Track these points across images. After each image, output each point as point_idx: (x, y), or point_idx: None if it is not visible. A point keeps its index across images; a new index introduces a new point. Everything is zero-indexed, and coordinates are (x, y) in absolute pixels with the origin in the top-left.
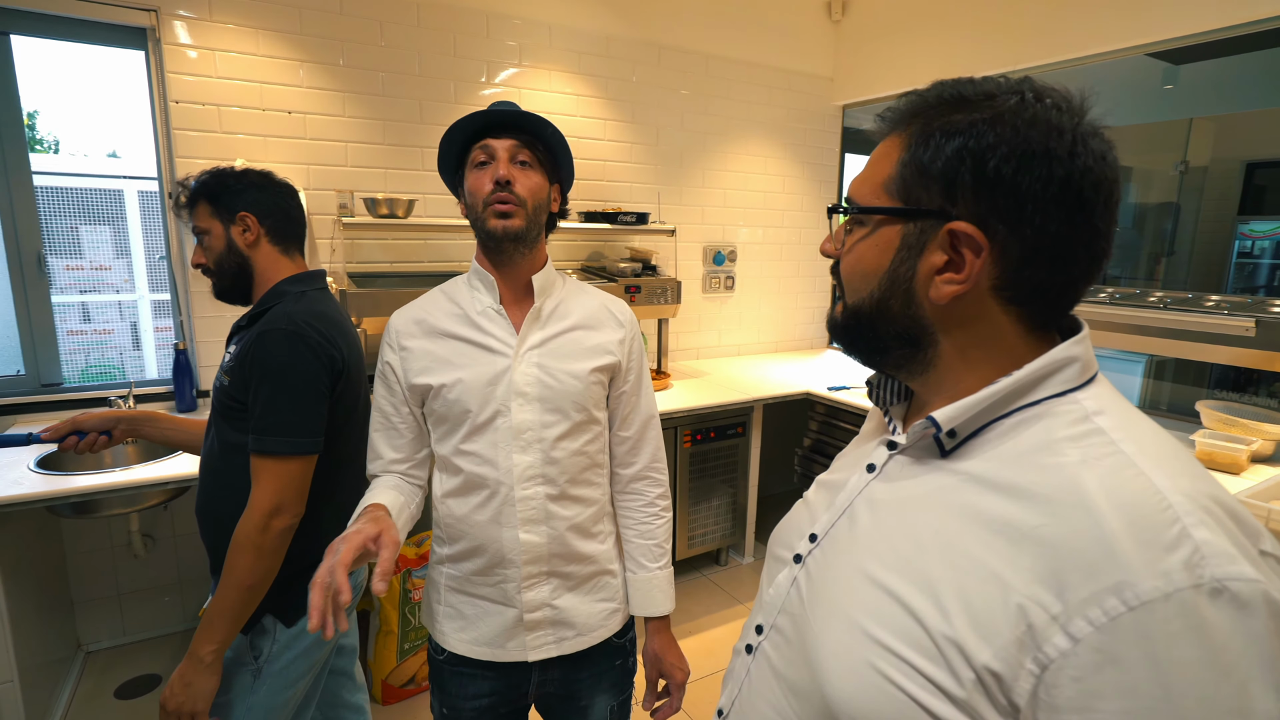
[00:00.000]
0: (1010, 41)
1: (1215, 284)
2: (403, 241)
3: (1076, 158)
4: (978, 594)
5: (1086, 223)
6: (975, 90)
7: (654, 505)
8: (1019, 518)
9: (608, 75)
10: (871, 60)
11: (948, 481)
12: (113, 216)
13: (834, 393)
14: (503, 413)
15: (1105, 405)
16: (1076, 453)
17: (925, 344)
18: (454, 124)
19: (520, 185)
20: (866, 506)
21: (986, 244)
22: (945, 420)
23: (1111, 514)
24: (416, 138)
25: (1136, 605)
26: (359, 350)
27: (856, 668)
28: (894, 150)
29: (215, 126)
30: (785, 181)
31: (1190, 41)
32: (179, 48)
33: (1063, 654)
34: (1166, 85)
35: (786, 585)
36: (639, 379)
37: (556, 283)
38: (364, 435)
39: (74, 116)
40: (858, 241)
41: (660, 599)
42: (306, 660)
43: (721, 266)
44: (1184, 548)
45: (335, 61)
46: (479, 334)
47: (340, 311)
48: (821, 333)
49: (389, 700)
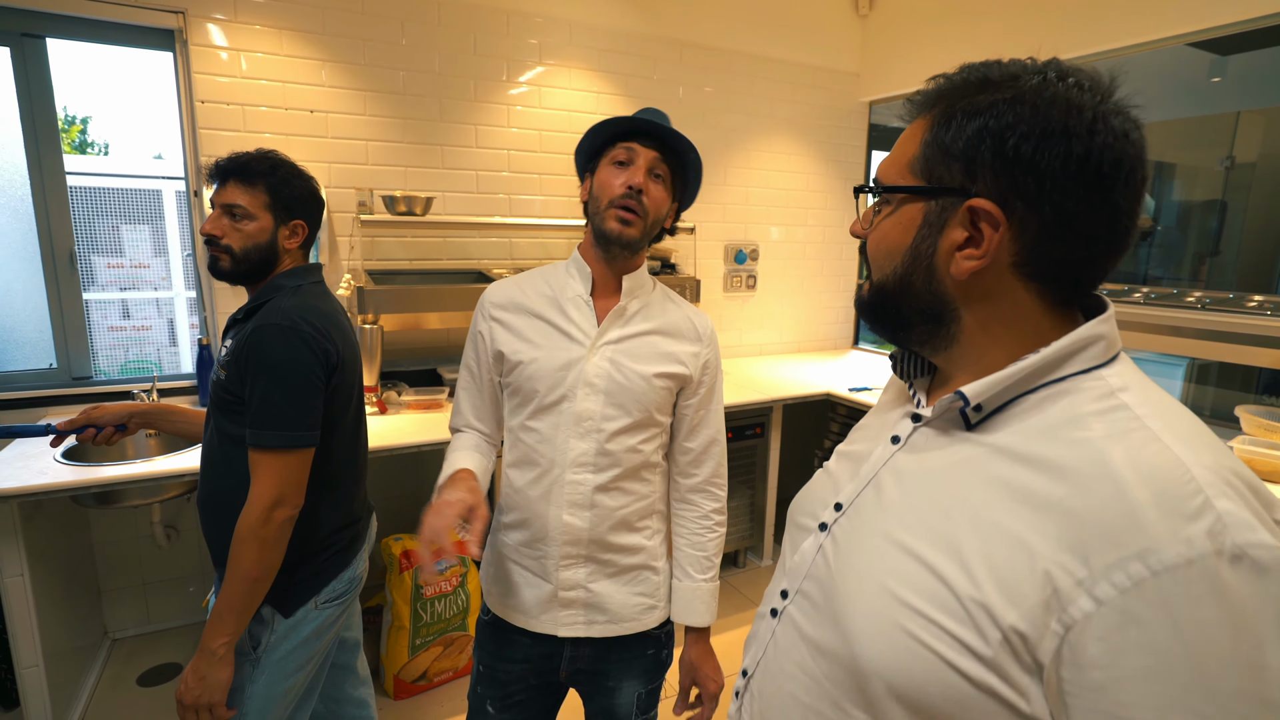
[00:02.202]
0: (1043, 33)
1: (1264, 285)
2: (421, 239)
3: (1096, 135)
4: (1004, 559)
5: (1106, 200)
6: (1000, 72)
7: (709, 518)
8: (1046, 488)
9: (629, 73)
10: (899, 56)
11: (974, 453)
12: (152, 216)
13: (856, 394)
14: (569, 398)
15: (1130, 382)
16: (1102, 427)
17: (947, 320)
18: (608, 119)
19: (649, 197)
20: (892, 476)
21: (1004, 220)
22: (973, 395)
23: (1137, 485)
24: (437, 136)
25: (1160, 570)
26: (354, 344)
27: (886, 629)
28: (919, 132)
29: (240, 126)
30: (809, 179)
31: (1238, 30)
32: (205, 49)
33: (1087, 615)
34: (1214, 78)
35: (812, 552)
36: (710, 394)
37: (646, 286)
38: (359, 428)
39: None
40: (883, 220)
41: (702, 610)
42: (305, 650)
43: (743, 265)
44: (1207, 517)
45: (357, 60)
46: (563, 319)
47: (336, 305)
48: (846, 333)
49: (401, 695)
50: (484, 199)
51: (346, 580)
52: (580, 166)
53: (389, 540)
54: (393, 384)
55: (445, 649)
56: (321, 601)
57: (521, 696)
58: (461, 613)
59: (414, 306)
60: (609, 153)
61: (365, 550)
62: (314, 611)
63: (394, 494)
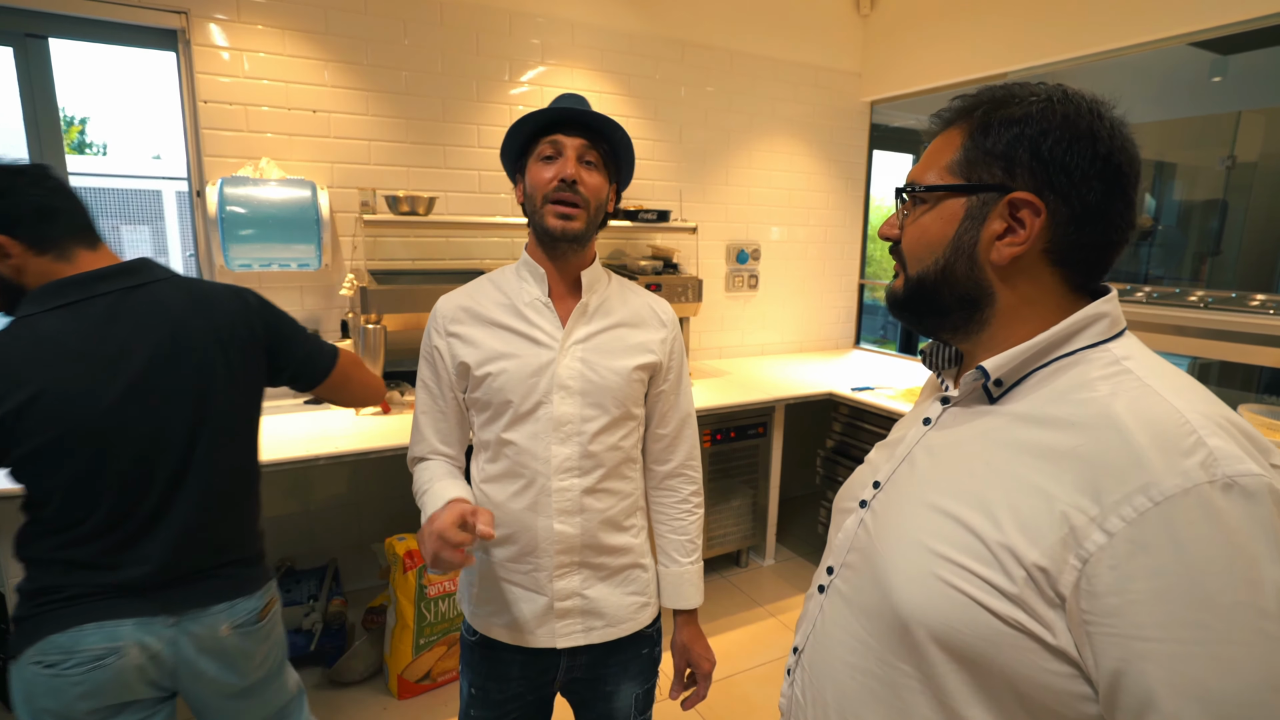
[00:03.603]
0: (1044, 33)
1: (1265, 285)
2: (424, 239)
3: (1115, 139)
4: (1026, 506)
5: (1123, 193)
6: (1022, 90)
7: (687, 502)
8: (1059, 442)
9: (630, 72)
10: (900, 55)
11: (997, 423)
12: (152, 216)
13: (858, 393)
14: (545, 404)
15: (1133, 353)
16: (1107, 387)
17: (983, 304)
18: (526, 115)
19: (585, 185)
20: (925, 452)
21: (1044, 208)
22: (993, 369)
23: (1138, 430)
24: (439, 136)
25: (1161, 500)
26: (58, 383)
27: (922, 579)
28: (955, 139)
29: (243, 126)
30: (811, 179)
31: (1238, 29)
32: (208, 49)
33: (1100, 548)
34: (1214, 77)
35: (854, 527)
36: (678, 378)
37: (602, 279)
38: (77, 478)
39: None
40: (921, 216)
41: (691, 593)
42: (25, 709)
43: (745, 265)
44: (1199, 452)
45: (359, 61)
46: (525, 325)
47: (48, 342)
48: (847, 333)
49: (405, 695)
50: (486, 199)
51: (62, 649)
52: (509, 170)
53: (393, 540)
54: (395, 384)
55: (449, 649)
56: (31, 660)
57: (516, 714)
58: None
59: (417, 306)
60: (534, 150)
61: (106, 635)
62: (27, 667)
63: (400, 493)
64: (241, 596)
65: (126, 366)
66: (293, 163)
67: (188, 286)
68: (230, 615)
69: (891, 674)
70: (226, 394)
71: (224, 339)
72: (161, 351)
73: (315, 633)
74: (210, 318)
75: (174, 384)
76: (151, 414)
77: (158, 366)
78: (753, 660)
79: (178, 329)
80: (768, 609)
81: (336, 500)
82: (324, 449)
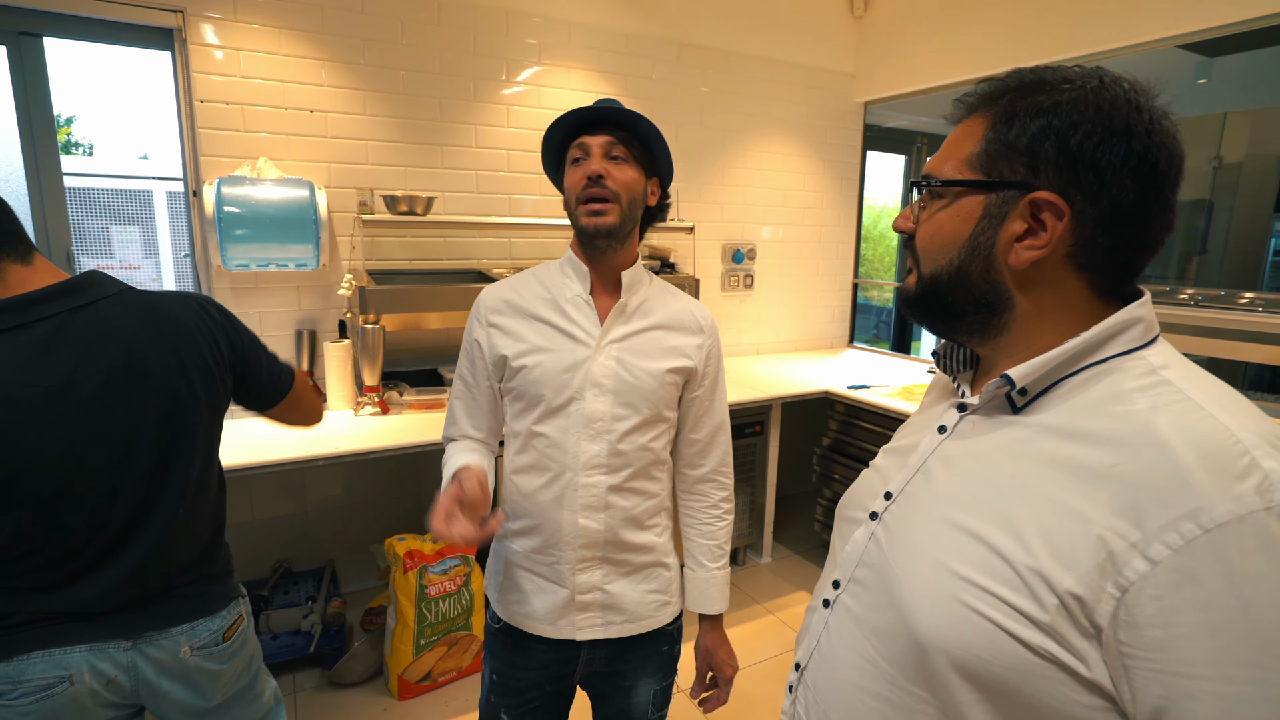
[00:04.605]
0: (1035, 35)
1: (1250, 283)
2: (422, 239)
3: (1153, 134)
4: (1058, 528)
5: (1159, 194)
6: (1054, 75)
7: (718, 507)
8: (1094, 459)
9: (627, 73)
10: (894, 57)
11: (1022, 434)
12: (142, 217)
13: (854, 391)
14: (577, 400)
15: (1170, 361)
16: (1146, 400)
17: (1000, 309)
18: (553, 122)
19: (613, 179)
20: (941, 463)
21: (1069, 211)
22: (1020, 377)
23: (1184, 450)
24: (437, 135)
25: (1212, 528)
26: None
27: (943, 603)
28: (976, 129)
29: (239, 125)
30: (806, 179)
31: (1225, 32)
32: (205, 47)
33: (1142, 576)
34: (1200, 79)
35: (864, 540)
36: (714, 385)
37: (644, 280)
38: (33, 515)
39: (108, 121)
40: (936, 212)
41: (716, 597)
42: None
43: (741, 265)
44: (1254, 476)
45: (357, 60)
46: (565, 320)
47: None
48: (842, 332)
49: (405, 695)
50: (484, 199)
51: (8, 678)
52: (553, 179)
53: (392, 540)
54: (394, 384)
55: (450, 649)
56: None
57: (536, 704)
58: (465, 612)
59: (415, 306)
60: (567, 155)
61: (54, 663)
62: None
63: (397, 493)
64: (203, 617)
65: (76, 398)
66: (290, 162)
67: (139, 301)
68: (191, 637)
69: (906, 699)
70: (192, 415)
71: (184, 357)
72: (116, 378)
73: (314, 634)
74: (167, 335)
75: (134, 410)
76: (112, 444)
77: (113, 393)
78: (752, 657)
79: (132, 351)
80: (766, 606)
81: (333, 501)
82: (323, 449)
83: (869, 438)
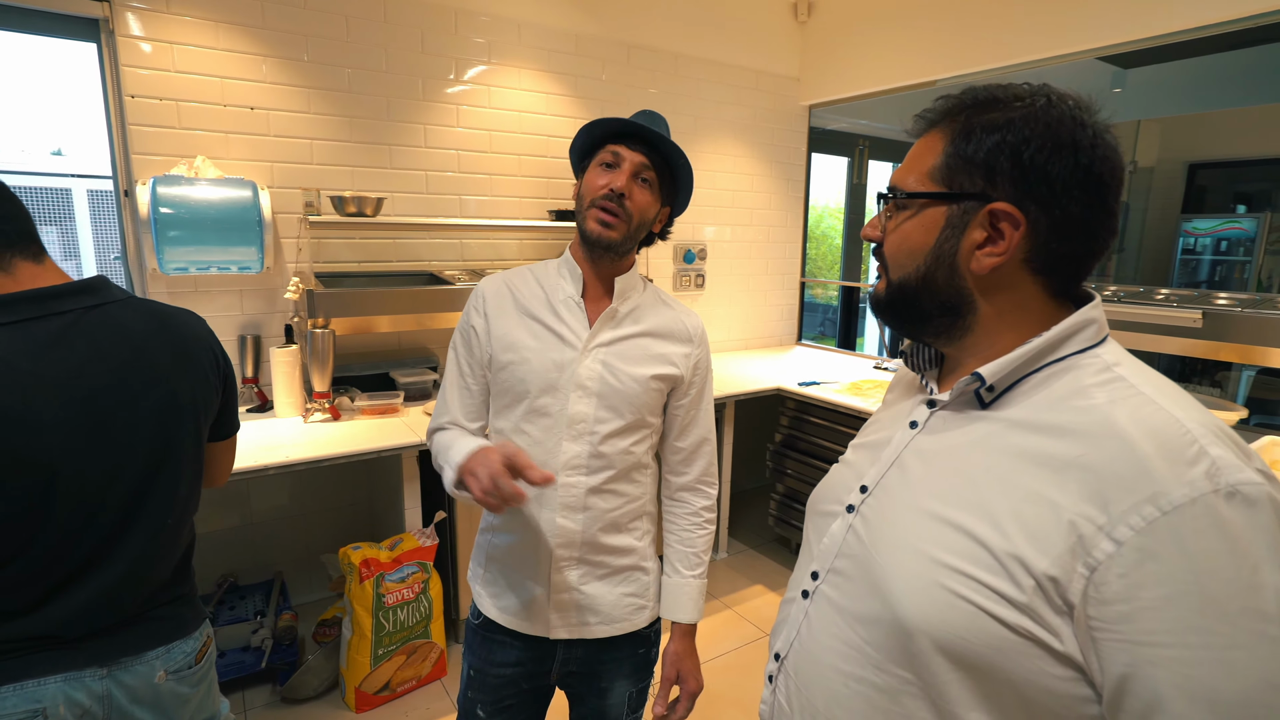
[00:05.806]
0: (968, 45)
1: (1162, 279)
2: (371, 241)
3: (1097, 148)
4: (1032, 515)
5: (1104, 203)
6: (1005, 93)
7: (699, 515)
8: (1062, 450)
9: (577, 74)
10: (837, 61)
11: (991, 428)
12: (60, 216)
13: (805, 388)
14: (561, 400)
15: (1121, 358)
16: (1104, 395)
17: (964, 311)
18: (599, 119)
19: (633, 201)
20: (915, 456)
21: (1024, 220)
22: (989, 375)
23: (1142, 440)
24: (384, 135)
25: (1169, 510)
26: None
27: (927, 589)
28: (936, 144)
29: (174, 122)
30: (754, 180)
31: (1139, 46)
32: (134, 40)
33: (1109, 556)
34: (1115, 89)
35: (842, 533)
36: (700, 394)
37: (637, 287)
38: (9, 513)
39: (15, 113)
40: (903, 222)
41: (689, 606)
42: None
43: (692, 265)
44: (1203, 462)
45: (299, 57)
46: (555, 320)
47: None
48: (790, 330)
49: (363, 708)
50: (434, 199)
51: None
52: (574, 165)
53: (347, 549)
54: (344, 389)
55: (408, 658)
56: None
57: (512, 701)
58: (424, 620)
59: (365, 310)
60: (599, 154)
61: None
62: None
63: (348, 501)
64: (179, 639)
65: (78, 392)
66: (230, 162)
67: (148, 308)
68: (166, 661)
69: (890, 681)
70: (190, 425)
71: (188, 367)
72: (121, 379)
73: (265, 650)
74: (174, 344)
75: (136, 415)
76: (108, 447)
77: (116, 395)
78: (713, 651)
79: (139, 355)
80: (723, 601)
81: (279, 512)
82: (272, 459)
83: (820, 433)
